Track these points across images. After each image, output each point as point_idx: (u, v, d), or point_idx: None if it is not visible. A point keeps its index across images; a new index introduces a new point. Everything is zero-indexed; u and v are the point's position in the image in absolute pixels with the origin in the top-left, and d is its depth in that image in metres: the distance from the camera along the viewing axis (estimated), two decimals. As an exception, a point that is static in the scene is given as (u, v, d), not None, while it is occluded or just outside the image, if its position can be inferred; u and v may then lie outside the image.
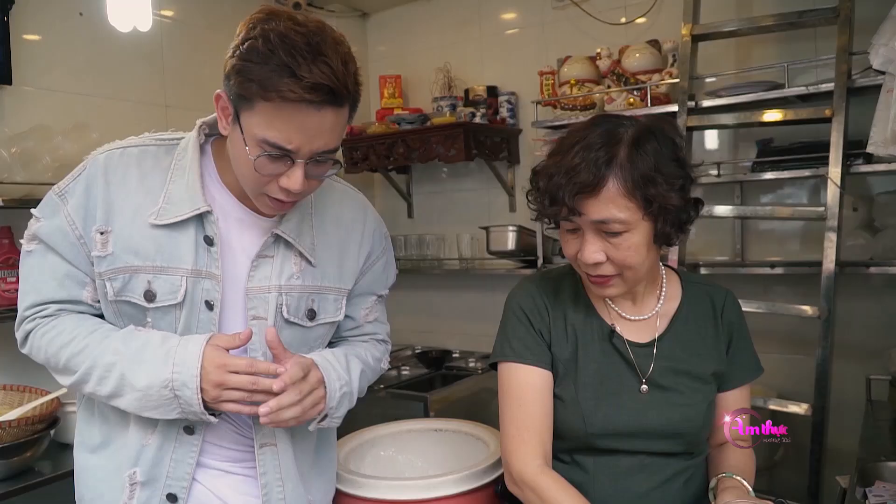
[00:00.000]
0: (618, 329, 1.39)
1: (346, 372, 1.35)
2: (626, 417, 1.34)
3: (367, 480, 1.66)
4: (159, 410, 1.20)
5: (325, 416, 1.30)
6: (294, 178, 1.16)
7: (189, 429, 1.28)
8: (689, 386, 1.36)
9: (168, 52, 2.95)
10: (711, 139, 2.95)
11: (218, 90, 1.19)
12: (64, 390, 2.12)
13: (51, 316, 1.28)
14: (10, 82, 2.40)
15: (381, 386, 2.96)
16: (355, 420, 2.69)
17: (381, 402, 2.89)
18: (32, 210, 1.30)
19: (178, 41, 2.97)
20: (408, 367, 3.29)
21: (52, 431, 2.09)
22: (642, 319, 1.40)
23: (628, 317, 1.40)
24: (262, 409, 1.17)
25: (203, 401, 1.18)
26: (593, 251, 1.24)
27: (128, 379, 1.19)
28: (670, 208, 1.22)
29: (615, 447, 1.36)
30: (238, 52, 1.12)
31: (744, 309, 2.40)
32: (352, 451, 1.85)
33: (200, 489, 1.33)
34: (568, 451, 1.41)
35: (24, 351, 1.32)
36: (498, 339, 1.44)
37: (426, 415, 2.74)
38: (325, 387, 1.27)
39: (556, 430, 1.38)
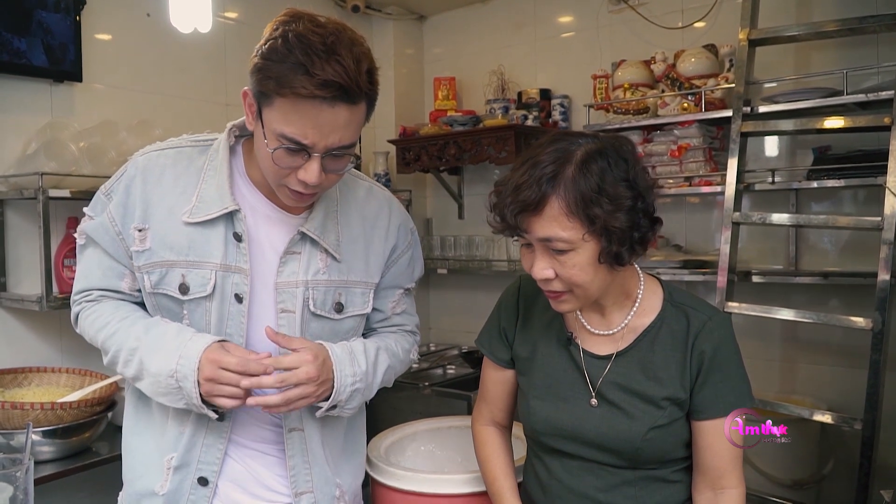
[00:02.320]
0: (576, 338, 1.40)
1: (370, 366, 1.39)
2: (565, 423, 1.37)
3: (406, 473, 1.70)
4: (168, 398, 1.27)
5: (335, 406, 1.35)
6: (311, 171, 1.22)
7: (221, 415, 1.34)
8: (637, 406, 1.33)
9: (230, 52, 3.05)
10: (768, 145, 2.89)
11: (245, 87, 1.25)
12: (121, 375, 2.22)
13: (94, 301, 1.39)
14: (80, 80, 2.52)
15: (427, 384, 3.00)
16: (398, 414, 2.75)
17: (425, 400, 2.94)
18: (85, 208, 1.40)
19: (240, 42, 3.06)
20: (453, 367, 3.32)
21: (109, 414, 2.19)
22: (606, 334, 1.38)
23: (592, 329, 1.39)
24: (249, 401, 1.26)
25: (201, 395, 1.24)
26: (542, 268, 1.25)
27: (145, 364, 1.28)
28: (614, 229, 1.20)
29: (562, 448, 1.39)
30: (261, 51, 1.19)
31: (795, 319, 2.42)
32: (393, 445, 1.89)
33: (235, 466, 1.39)
34: (532, 440, 1.47)
35: (78, 330, 1.43)
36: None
37: (469, 412, 2.76)
38: (333, 381, 1.32)
39: (519, 417, 1.49)
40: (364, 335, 1.51)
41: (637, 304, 1.38)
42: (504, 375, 1.52)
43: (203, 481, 1.35)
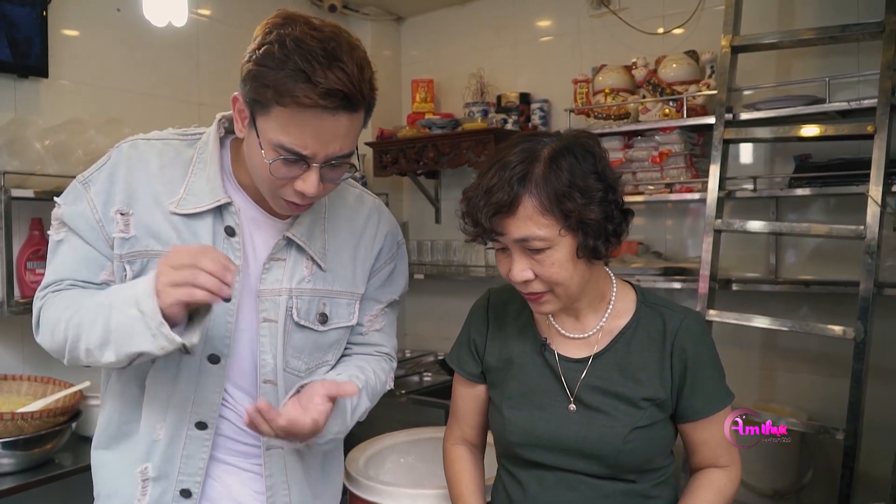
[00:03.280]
0: (550, 343, 1.38)
1: (352, 417, 1.32)
2: (543, 431, 1.33)
3: (385, 488, 1.64)
4: (134, 340, 1.08)
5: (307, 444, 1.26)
6: (310, 183, 1.16)
7: (202, 424, 1.27)
8: (618, 408, 1.31)
9: (204, 49, 2.97)
10: (748, 153, 2.89)
11: (235, 93, 1.18)
12: (87, 383, 2.14)
13: (62, 290, 1.26)
14: (46, 75, 2.43)
15: (403, 392, 2.94)
16: (375, 425, 2.67)
17: (401, 408, 2.88)
18: (56, 198, 1.31)
19: (213, 39, 2.99)
20: (430, 374, 3.27)
21: (73, 424, 2.10)
22: (581, 338, 1.37)
23: (566, 333, 1.38)
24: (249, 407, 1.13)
25: (161, 311, 1.06)
26: (520, 269, 1.24)
27: (112, 314, 1.11)
28: (590, 221, 1.21)
29: (539, 460, 1.35)
30: (254, 56, 1.12)
31: (775, 328, 2.41)
32: (372, 457, 1.83)
33: (212, 484, 1.32)
34: (504, 457, 1.43)
35: (38, 339, 1.28)
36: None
37: (446, 421, 2.70)
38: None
39: (491, 432, 1.46)
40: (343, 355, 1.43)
41: (611, 306, 1.37)
42: (474, 391, 1.49)
43: (186, 493, 1.28)
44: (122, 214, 1.25)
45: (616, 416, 1.30)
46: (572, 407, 1.33)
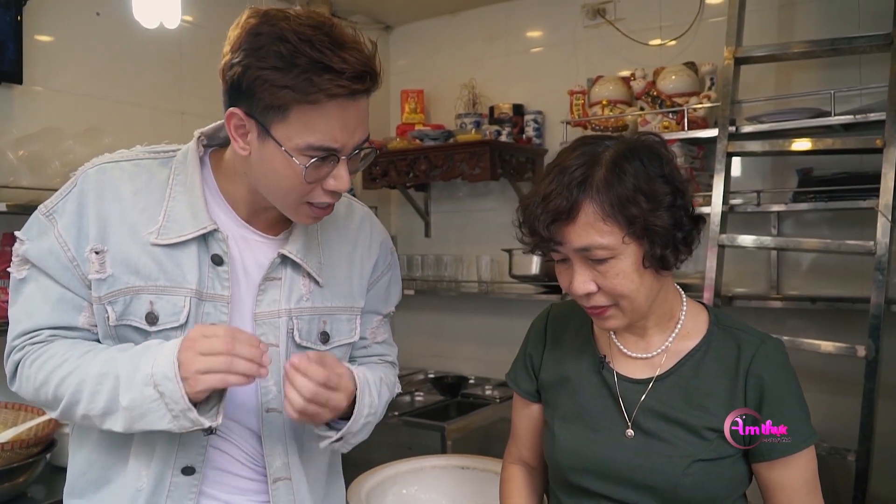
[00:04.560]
0: (610, 361, 1.29)
1: (377, 398, 1.26)
2: (595, 455, 1.24)
3: (390, 523, 1.54)
4: (149, 419, 1.04)
5: (340, 438, 1.19)
6: (342, 177, 1.11)
7: (189, 469, 1.16)
8: (679, 437, 1.20)
9: (187, 57, 2.86)
10: (747, 166, 2.83)
11: (231, 109, 1.09)
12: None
13: (43, 342, 1.15)
14: (20, 82, 2.30)
15: (395, 413, 2.82)
16: (368, 448, 2.57)
17: (394, 430, 2.76)
18: (17, 232, 1.19)
19: (197, 47, 2.88)
20: (422, 393, 3.16)
21: (47, 455, 1.96)
22: (644, 357, 1.27)
23: (628, 352, 1.28)
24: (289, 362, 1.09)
25: (188, 395, 1.03)
26: (582, 281, 1.16)
27: (120, 386, 1.05)
28: (657, 228, 1.12)
29: (588, 486, 1.25)
30: (251, 62, 1.03)
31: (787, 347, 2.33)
32: (373, 489, 1.73)
33: None
34: (555, 482, 1.35)
35: (14, 388, 1.18)
36: None
37: (443, 445, 2.60)
38: (353, 401, 1.18)
39: (544, 452, 1.39)
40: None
41: (679, 326, 1.26)
42: (529, 410, 1.41)
43: None
44: (96, 253, 1.13)
45: (677, 445, 1.19)
46: (630, 432, 1.23)
